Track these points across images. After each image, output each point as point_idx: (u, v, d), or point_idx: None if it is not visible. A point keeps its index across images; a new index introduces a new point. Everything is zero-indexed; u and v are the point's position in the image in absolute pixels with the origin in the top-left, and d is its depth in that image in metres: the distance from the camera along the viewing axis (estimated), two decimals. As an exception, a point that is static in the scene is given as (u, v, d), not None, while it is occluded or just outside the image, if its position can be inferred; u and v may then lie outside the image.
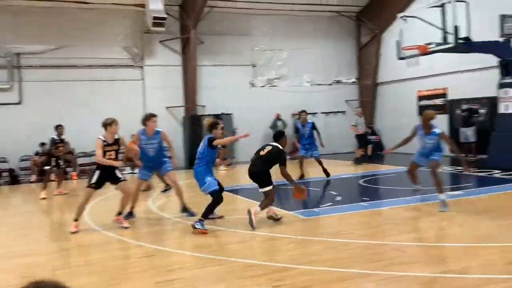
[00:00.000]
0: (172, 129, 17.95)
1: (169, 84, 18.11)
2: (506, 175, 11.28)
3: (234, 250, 6.11)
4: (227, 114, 18.27)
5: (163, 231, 7.67)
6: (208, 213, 7.14)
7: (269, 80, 19.80)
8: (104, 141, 7.41)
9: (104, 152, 7.36)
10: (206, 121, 7.70)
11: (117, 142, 7.57)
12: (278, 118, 18.58)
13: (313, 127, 12.72)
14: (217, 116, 18.00)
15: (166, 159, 8.56)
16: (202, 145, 7.46)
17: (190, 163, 17.54)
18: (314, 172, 13.28)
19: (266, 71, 19.74)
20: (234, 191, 11.26)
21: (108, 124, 7.48)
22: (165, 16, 16.23)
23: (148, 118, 8.21)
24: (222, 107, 18.19)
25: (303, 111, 13.43)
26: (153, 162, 8.37)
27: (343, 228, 7.05)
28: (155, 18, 16.00)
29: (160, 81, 17.97)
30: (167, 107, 18.01)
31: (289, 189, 11.13)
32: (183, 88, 18.42)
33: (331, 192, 10.40)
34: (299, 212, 8.28)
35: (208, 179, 7.27)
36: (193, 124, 17.42)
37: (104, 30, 17.29)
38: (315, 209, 8.50)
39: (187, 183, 13.43)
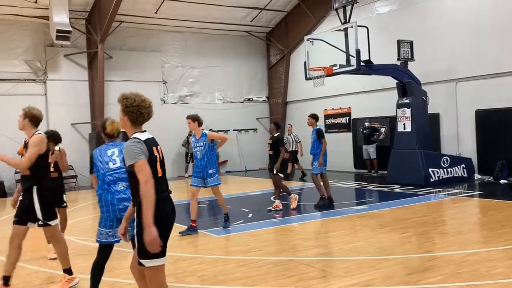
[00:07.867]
0: (77, 146, 17.15)
1: (75, 99, 17.31)
2: (404, 189, 12.06)
3: (143, 273, 5.88)
4: (137, 131, 17.82)
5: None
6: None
7: (181, 97, 19.66)
8: None
9: None
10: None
11: None
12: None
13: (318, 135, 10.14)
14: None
15: None
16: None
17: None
18: (230, 189, 13.28)
19: (178, 88, 19.59)
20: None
21: None
22: (70, 29, 15.57)
23: None
24: (132, 124, 17.71)
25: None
26: None
27: (254, 245, 7.10)
28: (59, 31, 15.28)
29: (65, 97, 17.10)
30: (72, 124, 17.19)
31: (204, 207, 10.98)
32: (89, 104, 17.71)
33: (243, 209, 10.45)
34: (211, 231, 8.24)
35: None
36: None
37: (3, 42, 16.24)
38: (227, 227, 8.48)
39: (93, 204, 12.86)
